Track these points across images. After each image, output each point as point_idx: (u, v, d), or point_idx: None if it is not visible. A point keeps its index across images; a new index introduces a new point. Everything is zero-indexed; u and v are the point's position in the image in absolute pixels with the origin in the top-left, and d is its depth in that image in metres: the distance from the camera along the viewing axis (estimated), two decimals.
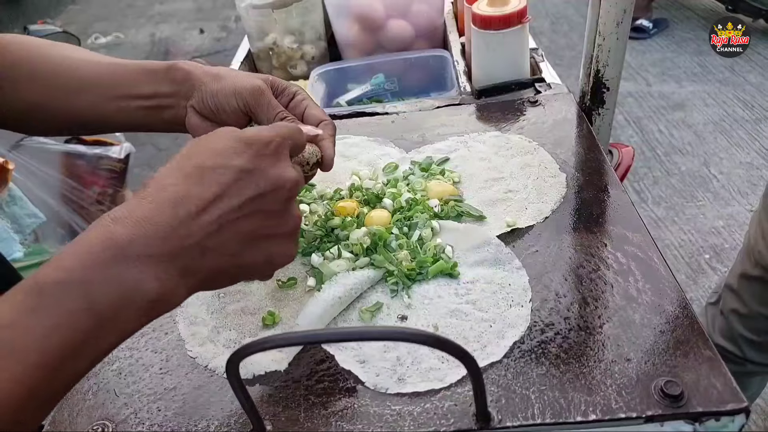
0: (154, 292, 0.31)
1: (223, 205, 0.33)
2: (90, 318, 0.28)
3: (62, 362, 0.28)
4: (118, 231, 0.30)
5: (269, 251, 0.37)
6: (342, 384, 0.42)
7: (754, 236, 0.86)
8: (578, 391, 0.38)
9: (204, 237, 0.32)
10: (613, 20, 0.61)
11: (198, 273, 0.33)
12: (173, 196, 0.32)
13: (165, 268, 0.31)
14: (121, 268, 0.29)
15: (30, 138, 1.33)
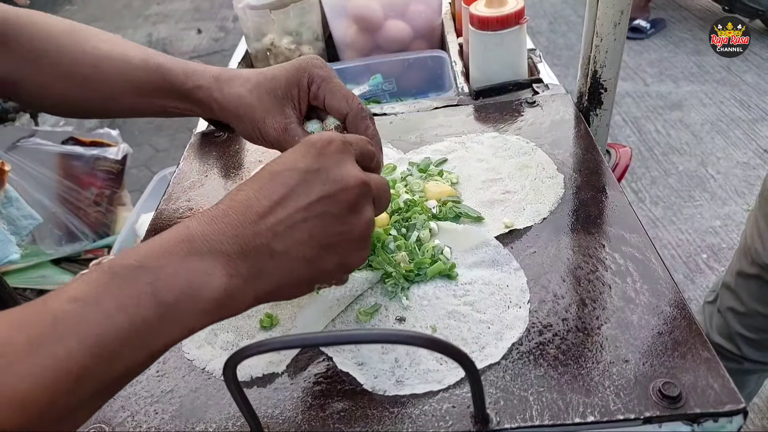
0: (221, 288, 0.31)
1: (290, 206, 0.33)
2: (154, 305, 0.28)
3: (120, 346, 0.28)
4: (193, 226, 0.32)
5: (342, 255, 0.36)
6: (340, 386, 0.42)
7: (750, 235, 0.86)
8: (576, 392, 0.38)
9: (272, 238, 0.33)
10: (611, 21, 0.62)
11: (268, 276, 0.33)
12: (245, 198, 0.34)
13: (234, 265, 0.31)
14: (191, 261, 0.30)
15: (26, 139, 1.33)
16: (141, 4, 4.41)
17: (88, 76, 0.50)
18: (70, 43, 0.50)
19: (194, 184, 0.68)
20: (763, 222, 0.83)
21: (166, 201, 0.65)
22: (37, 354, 0.25)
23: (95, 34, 0.52)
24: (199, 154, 0.74)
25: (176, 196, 0.66)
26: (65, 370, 0.25)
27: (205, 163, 0.72)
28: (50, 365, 0.25)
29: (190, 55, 3.51)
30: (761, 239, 0.83)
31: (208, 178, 0.69)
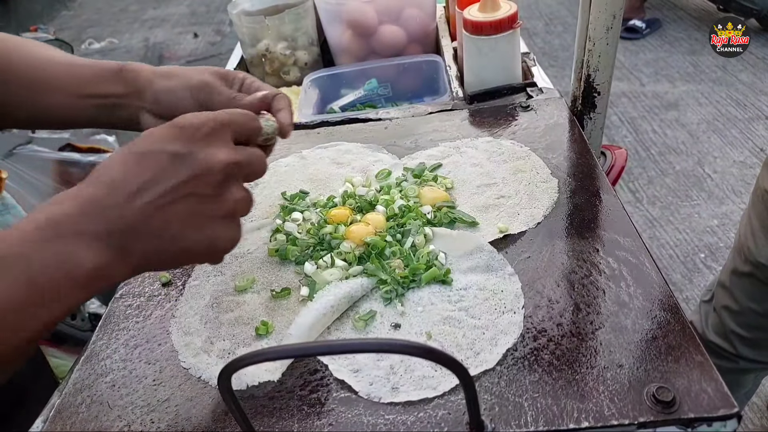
0: (89, 268, 0.32)
1: (156, 189, 0.34)
2: (29, 289, 0.30)
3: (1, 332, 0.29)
4: (56, 210, 0.32)
5: (210, 234, 0.37)
6: (335, 394, 0.42)
7: (743, 233, 0.87)
8: (571, 398, 0.39)
9: (138, 220, 0.34)
10: (603, 25, 0.62)
11: (136, 254, 0.34)
12: (109, 179, 0.34)
13: (101, 244, 0.33)
14: (58, 244, 0.31)
15: (23, 146, 1.33)
16: (137, 9, 4.41)
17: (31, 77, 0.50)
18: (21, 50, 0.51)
19: None
20: (756, 221, 0.84)
21: None
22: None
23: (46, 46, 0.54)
24: None
25: None
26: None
27: None
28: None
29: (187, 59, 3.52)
30: (754, 237, 0.84)
31: None
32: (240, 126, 0.41)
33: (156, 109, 0.50)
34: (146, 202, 0.34)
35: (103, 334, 0.50)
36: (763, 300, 0.86)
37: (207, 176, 0.36)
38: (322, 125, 0.77)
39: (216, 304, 0.51)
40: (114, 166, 0.35)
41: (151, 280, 0.55)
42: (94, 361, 0.48)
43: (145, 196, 0.34)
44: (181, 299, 0.52)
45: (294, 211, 0.60)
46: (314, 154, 0.70)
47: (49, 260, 0.31)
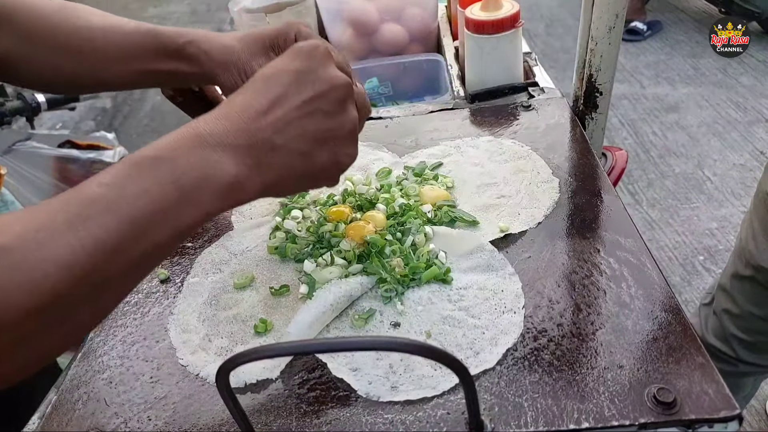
0: (231, 175, 0.34)
1: (286, 105, 0.37)
2: (175, 190, 0.32)
3: (147, 224, 0.31)
4: (200, 126, 0.35)
5: (334, 151, 0.39)
6: (334, 392, 0.42)
7: (744, 237, 0.87)
8: (571, 398, 0.38)
9: (272, 133, 0.36)
10: (605, 25, 0.62)
11: (270, 168, 0.37)
12: (243, 100, 0.37)
13: (241, 156, 0.35)
14: (203, 152, 0.34)
15: (22, 142, 1.33)
16: (138, 7, 4.40)
17: (82, 47, 0.51)
18: (62, 20, 0.52)
19: None
20: (758, 224, 0.83)
21: None
22: (76, 229, 0.29)
23: (86, 9, 0.54)
24: None
25: None
26: (102, 242, 0.29)
27: None
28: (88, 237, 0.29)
29: None
30: (755, 241, 0.83)
31: None
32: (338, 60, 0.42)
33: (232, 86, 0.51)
34: (278, 118, 0.36)
35: (100, 331, 0.50)
36: (764, 304, 0.86)
37: (331, 93, 0.38)
38: None
39: (214, 302, 0.51)
40: (245, 91, 0.38)
41: (149, 277, 0.55)
42: (92, 358, 0.47)
43: (276, 112, 0.36)
44: (179, 296, 0.52)
45: (294, 209, 0.60)
46: None
47: (194, 165, 0.33)
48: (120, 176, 0.32)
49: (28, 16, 0.51)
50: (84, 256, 0.28)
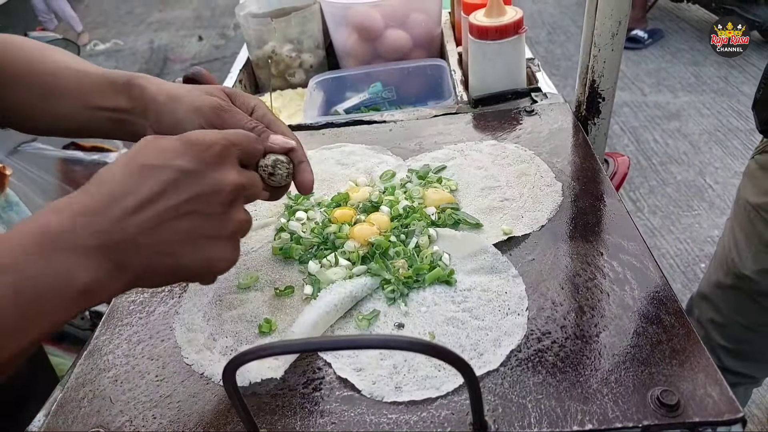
0: (83, 283, 0.31)
1: (160, 204, 0.33)
2: (15, 305, 0.28)
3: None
4: (53, 221, 0.31)
5: (208, 254, 0.36)
6: (338, 392, 0.42)
7: (727, 244, 0.86)
8: (575, 400, 0.39)
9: (139, 234, 0.33)
10: (609, 31, 0.62)
11: (132, 269, 0.33)
12: (111, 190, 0.33)
13: (97, 260, 0.31)
14: (53, 257, 0.30)
15: (28, 143, 1.33)
16: (143, 11, 4.43)
17: (44, 83, 0.50)
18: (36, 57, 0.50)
19: None
20: (740, 232, 0.83)
21: None
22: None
23: (64, 52, 0.52)
24: None
25: None
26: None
27: None
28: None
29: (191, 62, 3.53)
30: (737, 249, 0.83)
31: None
32: (247, 148, 0.40)
33: (158, 129, 0.47)
34: (148, 217, 0.33)
35: (106, 329, 0.50)
36: (748, 312, 0.86)
37: (215, 196, 0.36)
38: (327, 126, 0.78)
39: (219, 302, 0.51)
40: (116, 176, 0.34)
41: None
42: (97, 356, 0.48)
43: (147, 211, 0.33)
44: (184, 296, 0.52)
45: (298, 211, 0.60)
46: (319, 155, 0.70)
47: (39, 274, 0.29)
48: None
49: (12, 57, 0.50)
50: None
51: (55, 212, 0.32)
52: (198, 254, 0.36)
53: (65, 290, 0.30)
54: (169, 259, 0.35)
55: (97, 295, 0.32)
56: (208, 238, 0.36)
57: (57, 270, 0.30)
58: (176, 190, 0.34)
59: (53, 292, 0.30)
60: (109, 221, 0.32)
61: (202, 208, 0.35)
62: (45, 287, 0.29)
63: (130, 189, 0.33)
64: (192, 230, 0.35)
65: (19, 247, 0.30)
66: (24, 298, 0.29)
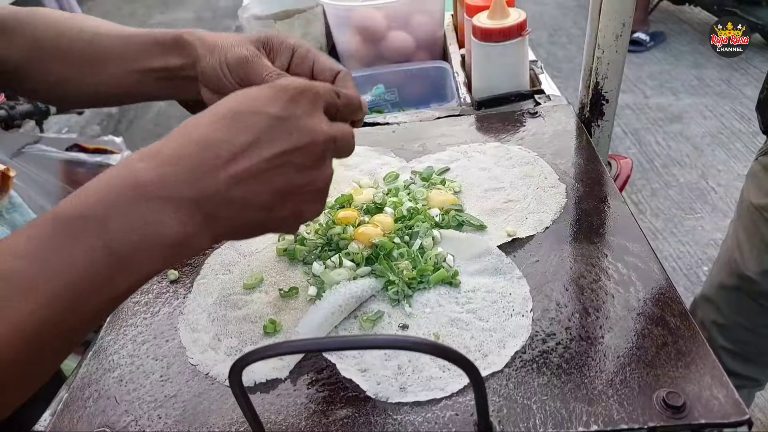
0: (175, 235, 0.29)
1: (253, 156, 0.31)
2: (106, 256, 0.28)
3: (76, 300, 0.27)
4: (142, 170, 0.30)
5: (298, 206, 0.35)
6: (343, 393, 0.42)
7: (730, 246, 0.86)
8: (580, 401, 0.38)
9: (231, 187, 0.31)
10: (612, 33, 0.62)
11: (223, 221, 0.32)
12: (202, 137, 0.31)
13: (188, 212, 0.30)
14: (141, 209, 0.29)
15: (31, 145, 1.34)
16: (144, 13, 4.45)
17: (84, 52, 0.49)
18: (68, 27, 0.50)
19: None
20: (743, 233, 0.83)
21: None
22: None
23: (94, 18, 0.52)
24: None
25: None
26: (20, 329, 0.25)
27: None
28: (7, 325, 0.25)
29: None
30: (740, 250, 0.83)
31: None
32: (328, 101, 0.37)
33: (207, 84, 0.46)
34: (242, 169, 0.31)
35: (111, 330, 0.50)
36: (750, 314, 0.86)
37: (309, 147, 0.34)
38: None
39: (224, 302, 0.51)
40: (207, 121, 0.32)
41: (159, 278, 0.56)
42: (102, 356, 0.48)
43: (241, 162, 0.31)
44: (189, 296, 0.53)
45: None
46: None
47: (128, 225, 0.28)
48: (40, 244, 0.27)
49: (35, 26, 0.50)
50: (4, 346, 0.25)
51: (143, 160, 0.30)
52: (288, 207, 0.34)
53: (154, 243, 0.29)
54: (260, 213, 0.33)
55: (186, 249, 0.31)
56: (301, 190, 0.34)
57: (146, 222, 0.29)
58: (270, 139, 0.32)
59: (142, 244, 0.29)
60: (201, 172, 0.30)
61: (296, 159, 0.33)
62: (135, 240, 0.28)
63: (223, 137, 0.31)
64: (286, 184, 0.33)
65: (107, 196, 0.29)
66: (113, 250, 0.28)
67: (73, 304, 0.27)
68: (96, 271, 0.27)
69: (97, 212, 0.28)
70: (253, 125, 0.32)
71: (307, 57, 0.46)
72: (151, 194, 0.29)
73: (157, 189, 0.29)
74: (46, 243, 0.27)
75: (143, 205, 0.29)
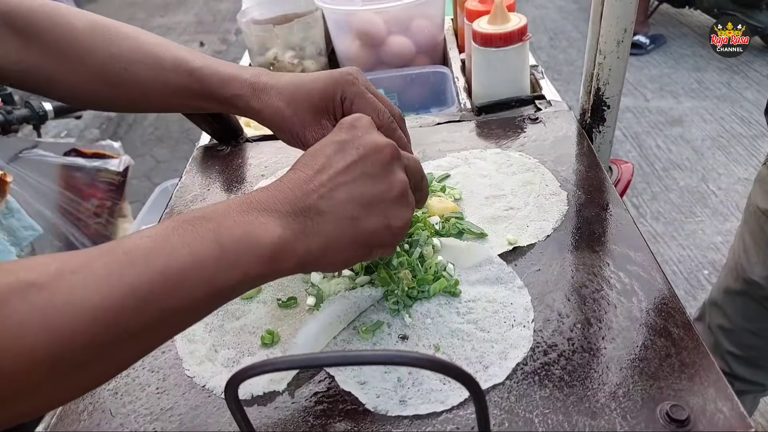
0: (275, 236, 0.34)
1: (330, 171, 0.38)
2: (215, 246, 0.32)
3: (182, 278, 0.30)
4: (250, 195, 0.37)
5: (383, 214, 0.39)
6: (342, 406, 0.41)
7: (737, 250, 0.86)
8: (582, 414, 0.38)
9: (317, 199, 0.37)
10: (614, 39, 0.62)
11: (317, 234, 0.37)
12: (292, 173, 0.39)
13: (286, 221, 0.36)
14: (249, 215, 0.35)
15: (29, 150, 1.33)
16: (145, 17, 4.45)
17: (120, 77, 0.52)
18: (96, 46, 0.52)
19: (196, 197, 0.68)
20: (749, 237, 0.83)
21: (169, 215, 0.65)
22: (109, 275, 0.28)
23: (117, 31, 0.53)
24: (201, 168, 0.74)
25: (178, 209, 0.66)
26: (132, 290, 0.29)
27: (207, 177, 0.71)
28: (119, 285, 0.28)
29: None
30: (746, 254, 0.83)
31: (210, 192, 0.68)
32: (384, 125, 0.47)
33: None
34: (322, 183, 0.37)
35: None
36: (756, 319, 0.85)
37: (374, 155, 0.39)
38: None
39: (221, 312, 0.51)
40: (294, 166, 0.40)
41: None
42: None
43: (321, 178, 0.37)
44: None
45: None
46: None
47: (237, 224, 0.34)
48: (166, 230, 0.32)
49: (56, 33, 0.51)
50: (112, 303, 0.28)
51: (253, 192, 0.37)
52: (374, 216, 0.38)
53: (256, 242, 0.34)
54: (350, 224, 0.37)
55: (284, 255, 0.35)
56: (380, 198, 0.39)
57: (252, 223, 0.34)
58: (341, 156, 0.38)
59: (246, 240, 0.33)
60: (292, 191, 0.37)
61: (367, 169, 0.38)
62: (240, 235, 0.33)
63: (305, 166, 0.39)
64: (364, 192, 0.38)
65: (224, 208, 0.35)
66: (221, 242, 0.32)
67: (179, 282, 0.30)
68: (204, 256, 0.32)
69: (215, 215, 0.34)
70: (324, 152, 0.39)
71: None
72: (256, 207, 0.35)
73: (261, 203, 0.36)
74: (170, 231, 0.32)
75: (250, 213, 0.35)
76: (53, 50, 0.51)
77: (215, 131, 0.77)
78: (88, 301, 0.27)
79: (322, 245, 0.37)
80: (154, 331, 0.31)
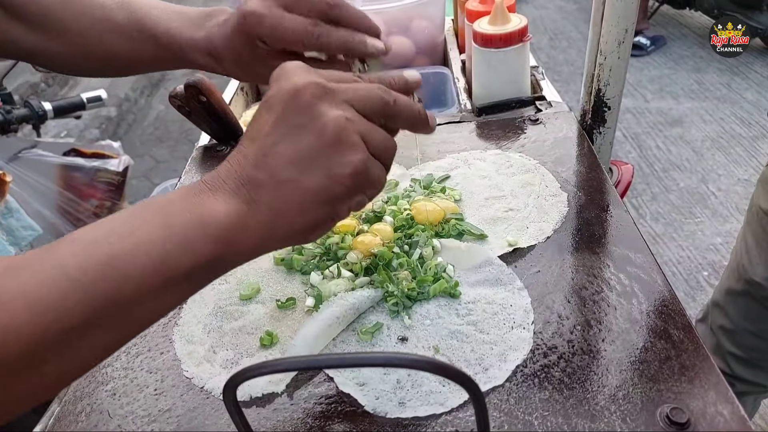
0: (222, 213, 0.33)
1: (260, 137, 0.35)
2: (162, 233, 0.31)
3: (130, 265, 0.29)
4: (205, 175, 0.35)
5: (325, 166, 0.34)
6: (341, 407, 0.41)
7: (738, 251, 0.86)
8: (582, 417, 0.38)
9: (254, 168, 0.34)
10: (615, 39, 0.62)
11: (263, 205, 0.34)
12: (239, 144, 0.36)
13: (231, 197, 0.34)
14: (197, 197, 0.34)
15: (28, 150, 1.33)
16: None
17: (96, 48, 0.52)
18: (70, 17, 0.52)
19: None
20: (751, 238, 0.83)
21: None
22: (51, 266, 0.28)
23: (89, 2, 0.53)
24: (200, 168, 0.74)
25: None
26: (77, 281, 0.28)
27: None
28: (62, 275, 0.28)
29: None
30: (748, 255, 0.83)
31: None
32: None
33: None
34: (255, 152, 0.34)
35: None
36: (758, 319, 0.85)
37: (294, 103, 0.34)
38: None
39: (220, 313, 0.50)
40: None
41: None
42: (95, 369, 0.47)
43: (252, 147, 0.35)
44: (184, 307, 0.52)
45: None
46: None
47: (185, 207, 0.33)
48: (113, 220, 0.31)
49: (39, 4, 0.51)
50: (55, 295, 0.27)
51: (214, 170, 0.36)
52: (314, 171, 0.34)
53: (205, 221, 0.32)
54: (290, 188, 0.34)
55: (236, 233, 0.33)
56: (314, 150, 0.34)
57: (199, 203, 0.33)
58: (268, 115, 0.35)
59: (195, 221, 0.32)
60: (233, 165, 0.35)
61: (289, 120, 0.34)
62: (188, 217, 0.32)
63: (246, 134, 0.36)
64: (295, 148, 0.34)
65: (177, 193, 0.34)
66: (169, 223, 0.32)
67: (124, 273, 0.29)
68: (149, 241, 0.31)
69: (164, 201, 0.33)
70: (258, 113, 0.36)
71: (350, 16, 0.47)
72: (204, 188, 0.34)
73: (207, 184, 0.34)
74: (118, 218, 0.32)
75: (202, 195, 0.34)
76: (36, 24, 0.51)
77: (215, 131, 0.77)
78: (31, 296, 0.26)
79: (271, 217, 0.34)
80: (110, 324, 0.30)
